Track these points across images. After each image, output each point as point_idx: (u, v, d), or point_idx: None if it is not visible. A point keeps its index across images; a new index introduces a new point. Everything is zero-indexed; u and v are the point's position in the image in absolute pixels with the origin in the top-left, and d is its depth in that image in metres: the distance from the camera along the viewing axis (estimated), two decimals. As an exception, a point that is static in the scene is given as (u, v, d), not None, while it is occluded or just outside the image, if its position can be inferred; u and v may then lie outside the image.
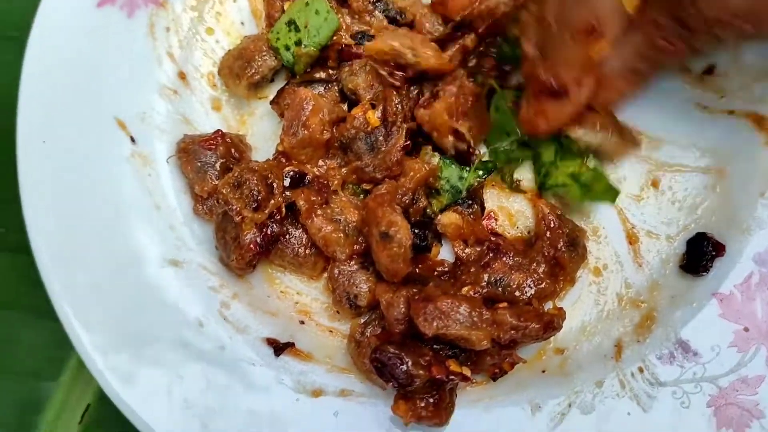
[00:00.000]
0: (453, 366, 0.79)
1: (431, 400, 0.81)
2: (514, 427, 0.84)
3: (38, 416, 0.97)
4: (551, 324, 0.82)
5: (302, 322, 0.91)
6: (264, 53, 0.95)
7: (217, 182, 0.90)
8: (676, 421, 0.82)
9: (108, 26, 0.92)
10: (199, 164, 0.91)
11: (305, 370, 0.87)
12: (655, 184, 0.93)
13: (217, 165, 0.91)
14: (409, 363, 0.77)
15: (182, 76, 0.96)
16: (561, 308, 0.86)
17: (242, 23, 1.00)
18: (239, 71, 0.94)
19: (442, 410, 0.81)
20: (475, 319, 0.79)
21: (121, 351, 0.84)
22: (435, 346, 0.81)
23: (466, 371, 0.80)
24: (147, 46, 0.94)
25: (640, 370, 0.85)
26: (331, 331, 0.91)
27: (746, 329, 0.84)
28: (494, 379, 0.85)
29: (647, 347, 0.86)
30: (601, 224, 0.93)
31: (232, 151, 0.92)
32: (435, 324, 0.78)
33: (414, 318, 0.79)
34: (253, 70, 0.94)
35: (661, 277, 0.90)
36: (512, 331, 0.80)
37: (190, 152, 0.91)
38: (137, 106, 0.93)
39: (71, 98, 0.90)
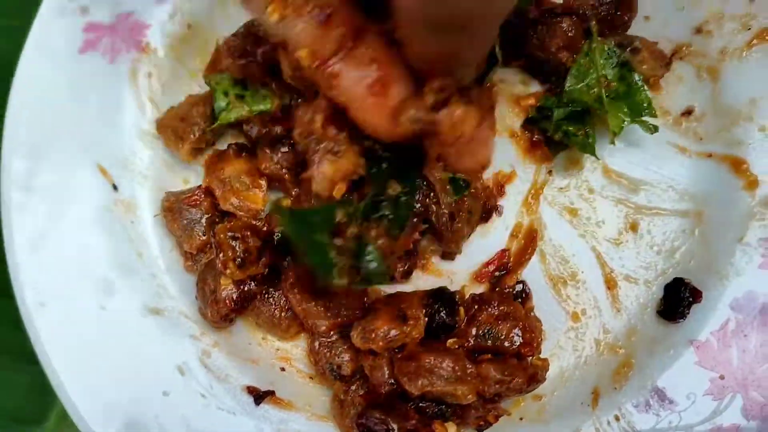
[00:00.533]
0: (438, 429, 0.80)
1: None
2: (491, 475, 0.85)
3: (25, 462, 0.98)
4: (535, 377, 0.83)
5: (283, 369, 0.92)
6: (208, 117, 0.92)
7: (204, 237, 0.90)
8: (652, 470, 0.83)
9: (90, 72, 0.92)
10: (185, 222, 0.91)
11: (285, 419, 0.88)
12: (633, 227, 0.93)
13: (203, 221, 0.91)
14: (395, 429, 0.78)
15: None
16: (545, 359, 0.86)
17: (226, 67, 1.00)
18: (182, 134, 0.93)
19: None
20: (459, 373, 0.79)
21: (103, 398, 0.84)
22: (420, 404, 0.82)
23: (450, 430, 0.81)
24: (129, 91, 0.94)
25: (617, 418, 0.86)
26: (312, 378, 0.91)
27: (722, 377, 0.85)
28: (479, 431, 0.86)
29: (624, 395, 0.87)
30: (580, 268, 0.93)
31: (217, 205, 0.92)
32: (420, 382, 0.79)
33: (399, 378, 0.80)
34: (197, 135, 0.92)
35: (639, 322, 0.91)
36: (497, 386, 0.81)
37: (174, 210, 0.91)
38: (120, 152, 0.93)
39: (54, 145, 0.90)
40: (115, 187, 0.92)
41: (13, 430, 0.98)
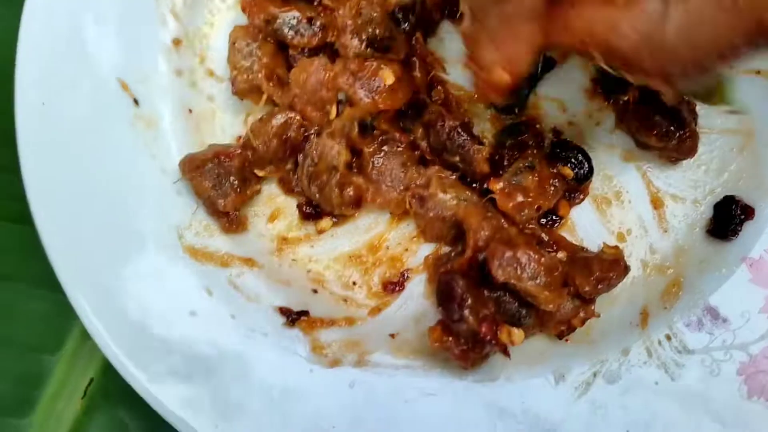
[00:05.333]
0: (503, 335, 0.75)
1: (466, 345, 0.77)
2: (537, 397, 0.81)
3: (39, 390, 0.94)
4: (624, 265, 0.80)
5: (315, 291, 0.88)
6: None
7: (240, 192, 0.86)
8: (705, 390, 0.79)
9: (109, -17, 0.88)
10: (215, 179, 0.85)
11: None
12: (679, 146, 0.89)
13: (232, 176, 0.85)
14: (469, 308, 0.74)
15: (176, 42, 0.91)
16: (614, 246, 0.83)
17: (249, -20, 0.95)
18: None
19: (471, 356, 0.77)
20: (550, 281, 0.75)
21: (127, 319, 0.80)
22: (503, 297, 0.78)
23: (516, 337, 0.76)
24: (150, 4, 0.89)
25: (668, 337, 0.82)
26: (345, 300, 0.87)
27: (777, 294, 0.81)
28: (560, 337, 0.82)
29: (674, 314, 0.83)
30: (624, 188, 0.89)
31: (246, 163, 0.87)
32: (508, 271, 0.75)
33: (489, 260, 0.75)
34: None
35: (688, 242, 0.87)
36: (599, 285, 0.78)
37: (201, 169, 0.85)
38: (140, 66, 0.88)
39: (72, 59, 0.85)
40: (136, 102, 0.87)
41: (30, 357, 0.94)
